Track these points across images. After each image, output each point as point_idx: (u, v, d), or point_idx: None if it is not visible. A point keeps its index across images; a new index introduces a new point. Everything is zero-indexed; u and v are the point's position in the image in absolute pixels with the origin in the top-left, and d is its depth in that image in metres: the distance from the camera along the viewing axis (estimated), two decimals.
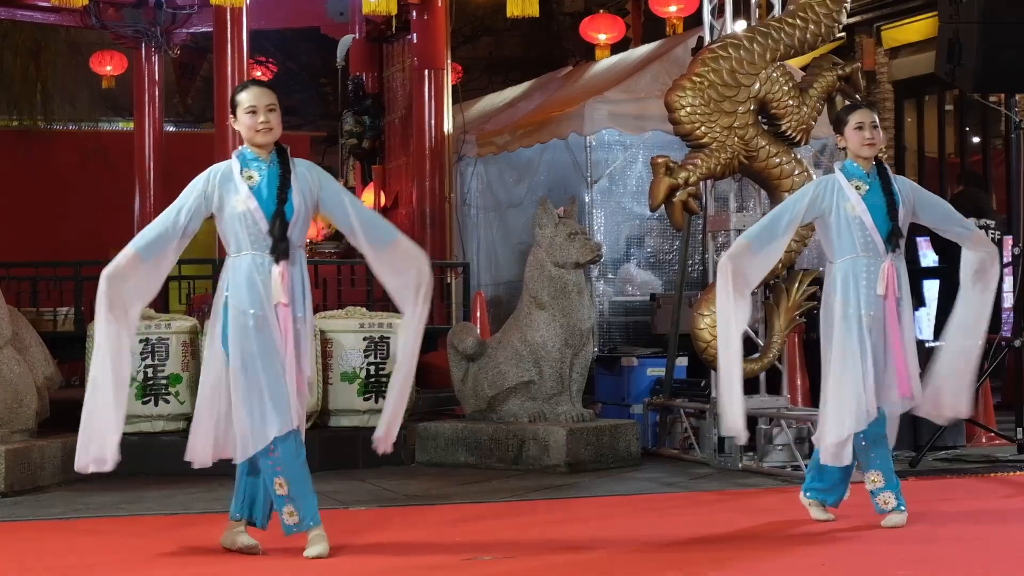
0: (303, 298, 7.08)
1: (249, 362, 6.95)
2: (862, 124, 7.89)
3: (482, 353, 11.06)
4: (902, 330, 7.79)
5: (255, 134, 7.04)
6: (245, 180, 7.00)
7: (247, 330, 6.95)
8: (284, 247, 6.96)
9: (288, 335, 6.98)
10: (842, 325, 7.77)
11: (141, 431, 10.83)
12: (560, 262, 10.79)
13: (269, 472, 7.03)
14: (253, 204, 6.97)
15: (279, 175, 7.02)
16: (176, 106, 22.51)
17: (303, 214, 7.06)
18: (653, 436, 11.64)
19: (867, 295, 7.73)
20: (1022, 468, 10.30)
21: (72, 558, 7.38)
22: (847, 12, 10.59)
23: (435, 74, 14.17)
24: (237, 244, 7.03)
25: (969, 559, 6.97)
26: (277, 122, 7.08)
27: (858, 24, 22.25)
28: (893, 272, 7.74)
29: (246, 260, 6.99)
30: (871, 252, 7.75)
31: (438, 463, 10.98)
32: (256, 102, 7.04)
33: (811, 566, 6.88)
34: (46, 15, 15.49)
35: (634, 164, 14.51)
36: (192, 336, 10.97)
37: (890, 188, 7.82)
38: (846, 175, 7.88)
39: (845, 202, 7.78)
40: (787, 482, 9.81)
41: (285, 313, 6.98)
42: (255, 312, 6.95)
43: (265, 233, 6.96)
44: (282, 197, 6.97)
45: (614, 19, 19.92)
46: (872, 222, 7.73)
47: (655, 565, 6.95)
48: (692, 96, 10.17)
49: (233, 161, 7.09)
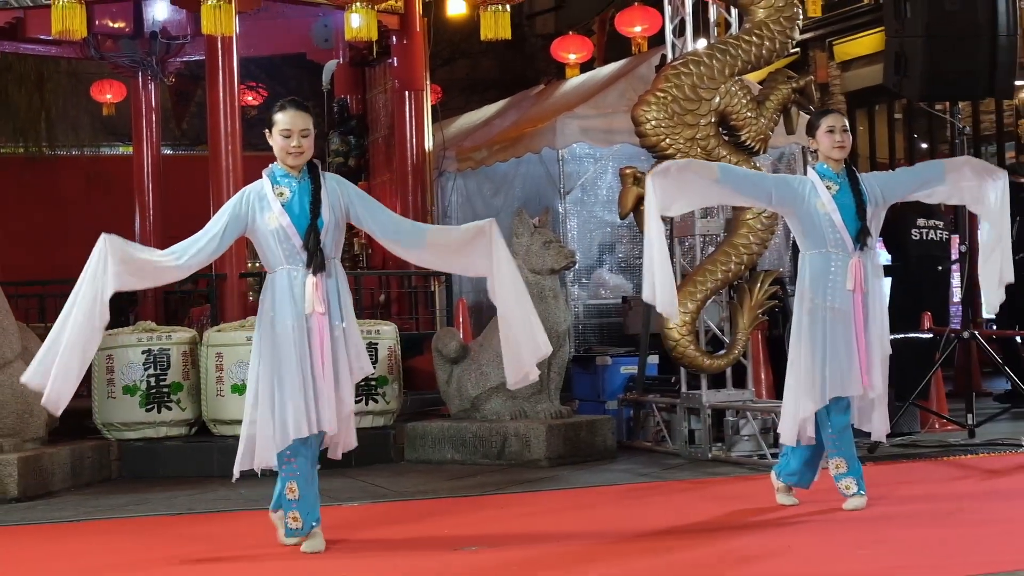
0: (339, 307, 7.01)
1: (278, 370, 6.90)
2: (833, 128, 7.94)
3: (465, 356, 11.07)
4: (867, 324, 7.81)
5: (287, 155, 6.99)
6: (277, 197, 6.95)
7: (282, 339, 6.90)
8: (320, 260, 6.90)
9: (324, 344, 6.92)
10: (808, 315, 7.83)
11: (146, 437, 10.84)
12: (537, 269, 10.80)
13: (284, 475, 7.01)
14: (286, 220, 6.91)
15: (310, 190, 6.96)
16: (172, 130, 22.47)
17: (334, 226, 6.99)
18: (627, 430, 11.66)
19: (834, 288, 7.78)
20: (973, 452, 10.33)
21: (85, 559, 7.37)
22: (800, 29, 10.61)
23: (415, 95, 14.16)
24: (274, 260, 7.00)
25: (926, 538, 6.99)
26: (309, 146, 7.01)
27: (811, 40, 22.38)
28: (860, 268, 7.77)
29: (282, 275, 6.96)
30: (840, 248, 7.80)
31: (426, 460, 10.98)
32: (291, 125, 6.96)
33: (778, 549, 6.89)
34: (48, 48, 15.43)
35: (604, 175, 14.52)
36: (192, 347, 10.96)
37: (858, 188, 7.87)
38: (819, 175, 7.91)
39: (816, 199, 7.82)
40: (754, 470, 9.83)
41: (321, 322, 6.92)
42: (292, 323, 6.90)
43: (299, 248, 6.91)
44: (314, 211, 6.92)
45: (583, 40, 19.94)
46: (841, 220, 7.78)
47: (632, 551, 6.95)
48: (657, 110, 10.18)
49: (264, 180, 7.04)
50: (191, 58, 15.86)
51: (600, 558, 6.80)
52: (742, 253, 10.34)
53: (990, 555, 6.45)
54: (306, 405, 6.90)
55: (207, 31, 11.80)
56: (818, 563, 6.56)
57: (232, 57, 12.44)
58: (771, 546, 6.95)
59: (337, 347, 7.00)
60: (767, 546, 6.95)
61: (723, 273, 10.32)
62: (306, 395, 6.90)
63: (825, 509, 7.81)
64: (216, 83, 12.47)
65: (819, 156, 8.02)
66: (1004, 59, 10.76)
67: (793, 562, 6.61)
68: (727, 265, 10.32)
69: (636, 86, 13.30)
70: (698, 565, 6.56)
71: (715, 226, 10.79)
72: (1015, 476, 9.34)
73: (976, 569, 6.11)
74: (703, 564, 6.58)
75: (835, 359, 7.77)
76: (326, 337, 6.93)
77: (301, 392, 6.89)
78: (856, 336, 7.80)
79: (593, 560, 6.76)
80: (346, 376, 7.04)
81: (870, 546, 6.78)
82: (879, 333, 7.88)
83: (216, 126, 12.45)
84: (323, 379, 6.94)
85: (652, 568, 6.53)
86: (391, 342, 11.24)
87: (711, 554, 6.78)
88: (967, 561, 6.35)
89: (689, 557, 6.73)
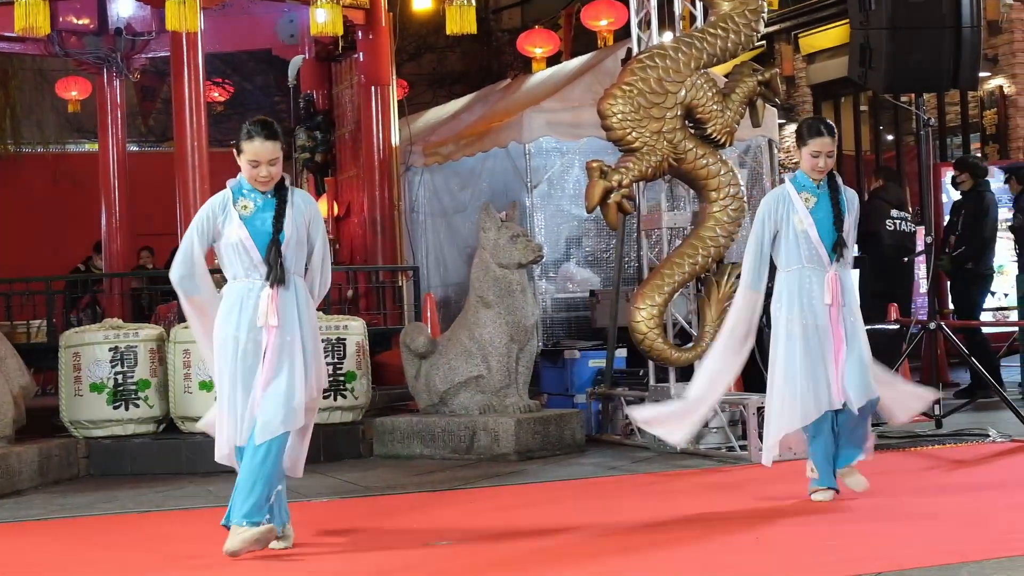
0: (297, 321, 6.91)
1: (231, 378, 6.85)
2: (818, 153, 7.87)
3: (433, 351, 11.05)
4: (844, 338, 7.80)
5: (254, 183, 6.92)
6: (239, 210, 6.89)
7: (232, 352, 6.85)
8: (280, 274, 6.85)
9: (271, 355, 6.83)
10: (785, 335, 7.86)
11: (113, 434, 10.80)
12: (504, 263, 10.78)
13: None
14: (244, 234, 6.85)
15: (275, 205, 6.91)
16: (138, 127, 22.38)
17: (295, 241, 6.93)
18: (596, 423, 11.65)
19: (810, 305, 7.80)
20: (940, 442, 10.36)
21: (54, 558, 7.32)
22: (765, 22, 10.61)
23: (381, 90, 14.13)
24: (232, 271, 6.96)
25: (893, 528, 7.01)
26: (278, 171, 6.94)
27: (777, 32, 22.41)
28: (836, 282, 7.79)
29: (237, 286, 6.92)
30: (815, 263, 7.81)
31: (395, 455, 10.96)
32: (259, 156, 6.86)
33: (746, 541, 6.90)
34: (12, 44, 15.38)
35: (571, 169, 14.49)
36: (159, 344, 10.92)
37: (837, 198, 7.84)
38: (796, 187, 7.90)
39: (794, 215, 7.82)
40: (722, 462, 9.85)
41: (272, 334, 6.84)
42: (237, 335, 6.84)
43: (258, 261, 6.86)
44: (277, 226, 6.86)
45: (549, 34, 19.95)
46: (817, 235, 7.78)
47: (601, 546, 6.95)
48: (623, 104, 10.17)
49: (227, 192, 6.97)
50: (156, 54, 15.81)
51: (569, 553, 6.80)
52: (709, 246, 10.34)
53: (955, 546, 6.48)
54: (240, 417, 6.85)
55: (172, 27, 11.76)
56: (784, 553, 6.56)
57: (197, 53, 12.40)
58: (740, 538, 6.96)
59: (289, 354, 6.87)
60: (736, 538, 6.97)
61: (691, 266, 10.31)
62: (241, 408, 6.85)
63: (796, 503, 7.84)
64: (181, 79, 12.42)
65: (800, 166, 8.01)
66: (968, 51, 10.80)
67: (761, 552, 6.61)
68: (694, 258, 10.32)
69: (602, 80, 13.27)
70: (669, 558, 6.57)
71: (682, 219, 10.80)
72: (981, 467, 9.37)
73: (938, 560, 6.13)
74: (674, 557, 6.58)
75: (812, 378, 7.78)
76: (273, 349, 6.85)
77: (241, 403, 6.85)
78: (835, 351, 7.80)
79: (563, 554, 6.75)
80: (300, 382, 6.89)
81: (838, 537, 6.81)
82: (858, 345, 7.85)
83: (182, 122, 12.42)
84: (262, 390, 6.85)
85: (623, 563, 6.52)
86: (359, 337, 11.21)
87: (678, 550, 6.78)
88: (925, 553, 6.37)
89: (659, 551, 6.74)
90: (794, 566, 6.30)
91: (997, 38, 19.49)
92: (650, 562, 6.51)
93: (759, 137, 14.39)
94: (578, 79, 14.59)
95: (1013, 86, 19.51)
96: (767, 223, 7.97)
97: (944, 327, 11.22)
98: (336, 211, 15.39)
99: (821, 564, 6.25)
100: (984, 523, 7.12)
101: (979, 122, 20.13)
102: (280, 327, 6.86)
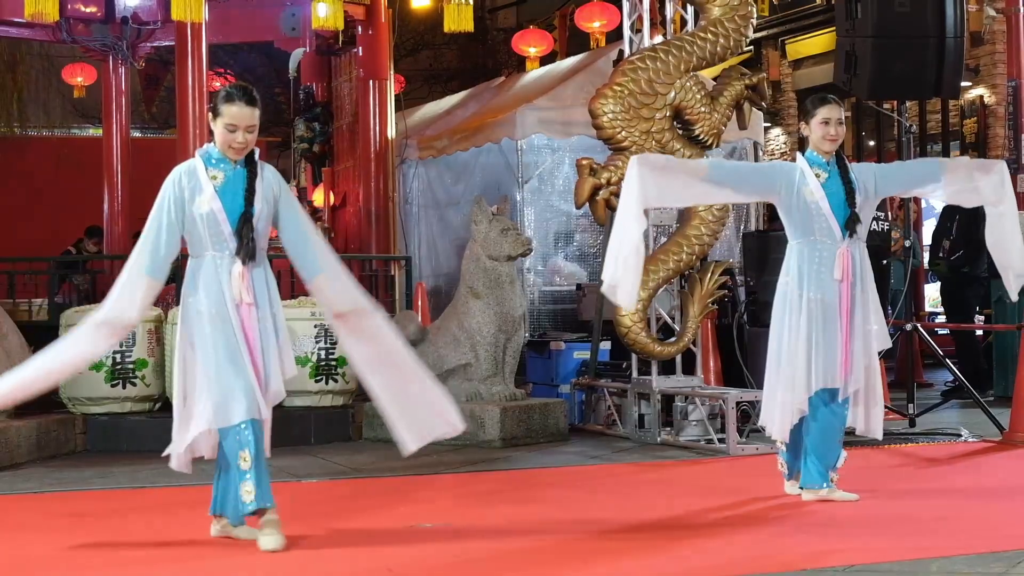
0: (268, 297, 6.63)
1: (211, 350, 6.48)
2: (828, 120, 7.62)
3: (423, 339, 11.04)
4: (853, 315, 7.54)
5: (229, 149, 6.52)
6: (210, 180, 6.52)
7: (206, 326, 6.50)
8: (251, 248, 6.51)
9: (252, 334, 6.54)
10: (793, 307, 7.56)
11: (111, 412, 10.79)
12: (494, 255, 10.78)
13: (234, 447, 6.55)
14: (217, 205, 6.47)
15: (246, 177, 6.55)
16: (142, 113, 22.34)
17: (265, 215, 6.60)
18: (579, 413, 11.66)
19: (819, 278, 7.51)
20: (913, 440, 10.39)
21: (50, 533, 7.31)
22: (753, 27, 10.61)
23: (379, 84, 14.12)
24: (199, 245, 6.55)
25: (865, 523, 7.02)
26: (253, 139, 6.59)
27: (764, 38, 22.43)
28: (848, 257, 7.49)
29: (207, 261, 6.57)
30: (827, 237, 7.51)
31: (384, 439, 10.87)
32: (238, 121, 6.49)
33: (716, 533, 6.91)
34: (20, 30, 15.33)
35: (561, 166, 14.51)
36: (157, 324, 10.92)
37: (848, 176, 7.55)
38: (808, 163, 7.61)
39: (804, 186, 7.52)
40: (701, 454, 9.87)
41: (248, 312, 6.55)
42: (214, 312, 6.51)
43: (228, 234, 6.50)
44: (249, 199, 6.53)
45: (543, 34, 19.96)
46: (829, 208, 7.49)
47: (581, 530, 6.95)
48: (613, 103, 10.17)
49: (197, 160, 6.60)
50: (161, 43, 15.80)
51: (550, 537, 6.80)
52: (694, 244, 10.35)
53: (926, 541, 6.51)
54: (255, 392, 6.50)
55: (177, 17, 11.74)
56: (753, 545, 6.57)
57: (201, 43, 12.38)
58: (711, 529, 6.98)
59: (266, 337, 6.60)
60: (707, 529, 6.98)
61: (675, 263, 10.33)
62: (249, 381, 6.50)
63: (770, 499, 7.83)
64: (185, 68, 12.41)
65: (809, 143, 7.75)
66: (951, 60, 10.79)
67: (731, 544, 6.62)
68: (679, 255, 10.33)
69: (594, 80, 13.26)
70: (643, 545, 6.58)
71: (668, 217, 10.80)
72: (953, 465, 9.39)
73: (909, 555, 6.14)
74: (648, 544, 6.59)
75: (820, 351, 7.49)
76: (254, 327, 6.54)
77: (246, 376, 6.49)
78: (842, 327, 7.53)
79: (543, 537, 6.76)
80: (273, 365, 6.64)
81: (808, 529, 6.82)
82: (865, 325, 7.59)
83: (184, 110, 12.41)
84: (258, 368, 6.56)
85: (599, 545, 6.53)
86: None
87: (654, 547, 6.78)
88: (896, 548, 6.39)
89: (635, 545, 6.74)
90: (763, 558, 6.27)
91: (979, 49, 19.51)
92: (626, 546, 6.51)
93: (745, 139, 14.41)
94: (570, 79, 14.60)
95: (993, 96, 19.53)
96: (771, 168, 7.82)
97: (919, 328, 11.23)
98: (332, 200, 15.39)
99: (791, 557, 6.22)
100: (955, 520, 7.12)
101: (959, 130, 20.16)
102: (255, 305, 6.56)
